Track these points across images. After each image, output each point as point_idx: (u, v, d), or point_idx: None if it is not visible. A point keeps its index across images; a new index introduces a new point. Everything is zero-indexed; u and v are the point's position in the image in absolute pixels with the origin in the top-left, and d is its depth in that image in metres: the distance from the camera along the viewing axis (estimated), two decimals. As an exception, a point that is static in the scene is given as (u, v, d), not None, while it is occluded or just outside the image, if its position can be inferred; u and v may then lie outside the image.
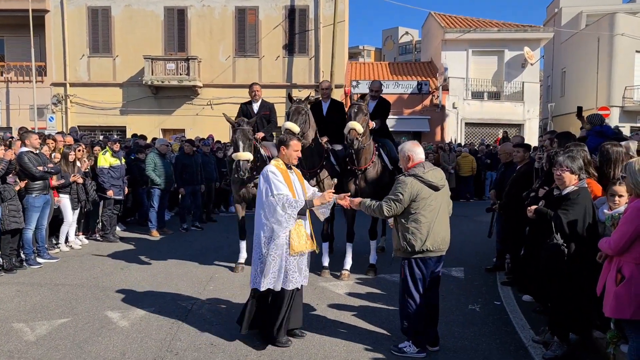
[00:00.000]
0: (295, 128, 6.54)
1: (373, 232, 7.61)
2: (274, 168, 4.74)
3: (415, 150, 4.62)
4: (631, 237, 3.49)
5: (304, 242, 4.73)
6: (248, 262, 7.68)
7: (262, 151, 7.47)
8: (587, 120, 7.04)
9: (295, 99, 6.99)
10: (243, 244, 7.72)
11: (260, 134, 7.74)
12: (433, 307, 4.71)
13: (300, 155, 5.02)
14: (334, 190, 4.92)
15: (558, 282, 4.45)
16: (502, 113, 22.90)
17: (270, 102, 8.54)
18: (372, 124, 7.34)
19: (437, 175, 4.55)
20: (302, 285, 4.90)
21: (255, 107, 8.17)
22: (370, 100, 7.79)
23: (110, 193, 9.60)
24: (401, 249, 4.55)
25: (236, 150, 6.82)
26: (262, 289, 4.68)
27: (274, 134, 7.58)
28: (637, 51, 24.76)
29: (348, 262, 7.37)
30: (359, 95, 7.29)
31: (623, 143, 5.06)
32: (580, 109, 8.93)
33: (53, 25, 21.64)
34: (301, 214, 4.69)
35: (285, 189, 4.63)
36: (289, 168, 4.91)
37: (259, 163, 7.32)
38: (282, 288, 4.67)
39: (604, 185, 4.79)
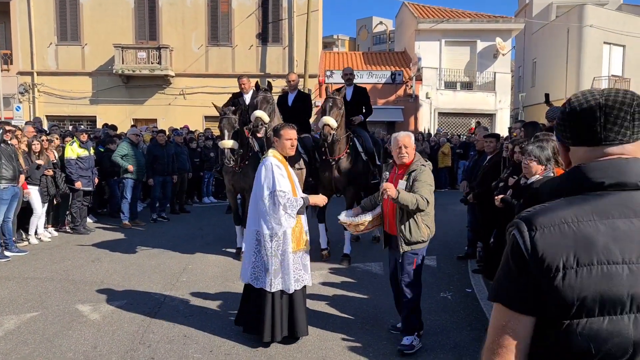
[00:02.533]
0: (265, 117, 6.72)
1: None
2: (277, 161, 4.51)
3: (414, 144, 4.61)
4: None
5: (304, 239, 4.58)
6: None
7: (253, 142, 7.57)
8: (547, 116, 7.12)
9: (262, 88, 7.05)
10: (242, 230, 7.73)
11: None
12: None
13: (295, 144, 4.74)
14: (326, 199, 4.67)
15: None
16: (474, 103, 23.17)
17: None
18: (360, 119, 7.75)
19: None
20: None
21: (246, 98, 8.14)
22: (346, 87, 7.90)
23: (78, 185, 9.42)
24: (422, 240, 4.48)
25: (221, 138, 7.01)
26: (273, 289, 4.42)
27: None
28: (605, 42, 25.27)
29: (323, 240, 7.69)
30: (334, 88, 7.37)
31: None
32: (547, 96, 9.07)
33: (19, 12, 20.98)
34: (300, 212, 4.51)
35: (288, 185, 4.44)
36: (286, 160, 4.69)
37: (251, 153, 7.47)
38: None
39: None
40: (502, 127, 21.81)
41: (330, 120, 6.66)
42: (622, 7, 30.62)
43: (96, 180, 9.99)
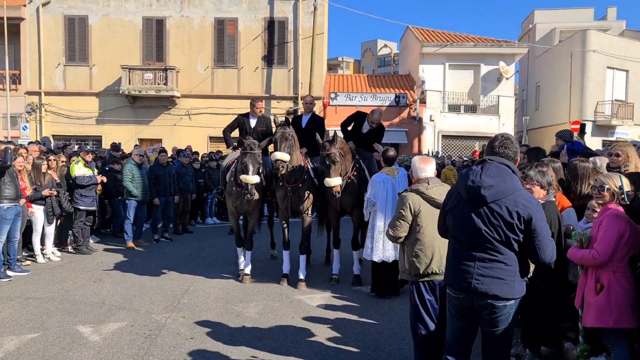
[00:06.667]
0: (286, 157, 6.83)
1: (355, 243, 7.73)
2: None
3: (420, 167, 4.36)
4: (616, 244, 3.59)
5: None
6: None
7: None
8: (558, 135, 7.21)
9: (279, 122, 7.16)
10: (244, 252, 7.83)
11: None
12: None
13: None
14: None
15: (526, 295, 4.52)
16: (477, 126, 23.23)
17: (268, 117, 8.58)
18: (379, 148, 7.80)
19: (442, 192, 4.04)
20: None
21: (253, 122, 8.22)
22: (366, 124, 8.16)
23: (103, 178, 9.97)
24: (406, 272, 4.24)
25: (245, 173, 6.97)
26: None
27: (269, 148, 7.78)
28: (608, 67, 25.41)
29: (336, 267, 7.77)
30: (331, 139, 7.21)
31: (591, 159, 5.20)
32: (583, 127, 9.25)
33: (28, 34, 21.33)
34: None
35: None
36: None
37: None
38: None
39: (572, 200, 4.90)
40: (505, 150, 21.78)
41: (282, 155, 6.80)
42: (625, 33, 30.87)
43: (100, 184, 10.07)
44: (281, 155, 6.79)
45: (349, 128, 8.38)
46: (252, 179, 6.94)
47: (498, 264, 3.19)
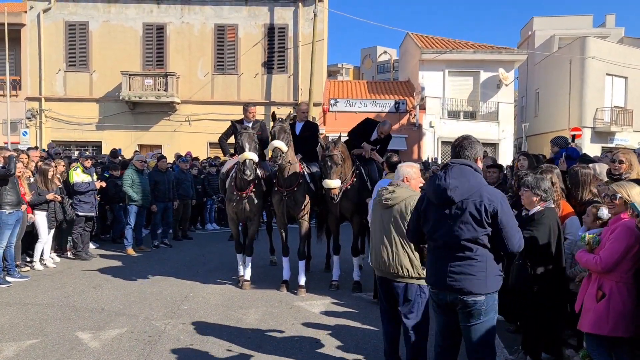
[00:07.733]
0: (284, 147, 6.83)
1: (355, 249, 7.72)
2: None
3: (396, 171, 4.76)
4: (622, 255, 3.60)
5: None
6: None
7: (257, 170, 7.58)
8: (553, 142, 7.22)
9: (279, 118, 7.12)
10: (243, 258, 7.81)
11: None
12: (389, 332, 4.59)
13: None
14: None
15: (525, 301, 4.53)
16: (477, 132, 23.16)
17: (263, 121, 8.60)
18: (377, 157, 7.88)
19: (387, 195, 4.45)
20: None
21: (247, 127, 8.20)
22: (375, 133, 8.13)
23: (102, 184, 9.88)
24: None
25: (242, 151, 6.87)
26: None
27: (267, 153, 7.74)
28: (607, 74, 25.47)
29: (336, 273, 7.72)
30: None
31: (591, 165, 5.20)
32: (573, 137, 9.30)
33: (29, 40, 21.40)
34: None
35: None
36: None
37: (256, 180, 7.49)
38: None
39: (572, 206, 4.91)
40: (505, 156, 21.85)
41: (280, 143, 6.80)
42: (624, 40, 30.98)
43: (100, 184, 10.03)
44: (279, 144, 6.77)
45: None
46: (249, 155, 6.81)
47: (469, 261, 3.37)
